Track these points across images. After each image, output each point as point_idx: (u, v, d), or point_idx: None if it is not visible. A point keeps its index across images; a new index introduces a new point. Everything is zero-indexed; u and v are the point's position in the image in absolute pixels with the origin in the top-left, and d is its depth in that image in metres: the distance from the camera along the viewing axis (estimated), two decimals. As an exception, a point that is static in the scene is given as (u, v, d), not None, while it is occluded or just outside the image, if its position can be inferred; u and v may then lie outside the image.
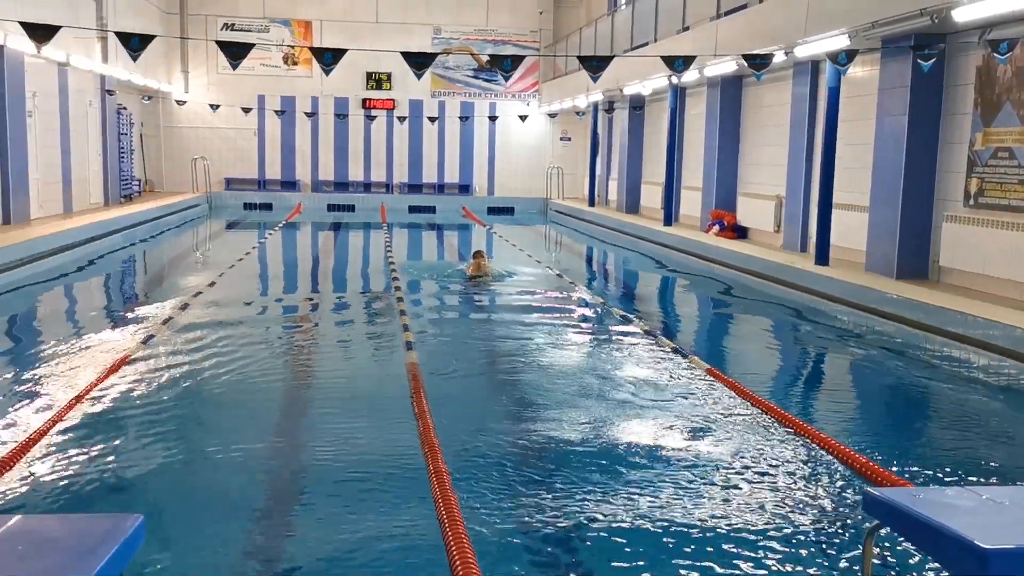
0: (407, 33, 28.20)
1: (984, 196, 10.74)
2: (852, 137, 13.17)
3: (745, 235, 16.97)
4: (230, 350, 8.25)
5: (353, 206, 27.65)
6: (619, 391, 7.17)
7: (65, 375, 7.23)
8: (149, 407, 6.38)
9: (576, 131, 29.90)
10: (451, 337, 9.47)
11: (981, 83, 10.84)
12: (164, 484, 5.06)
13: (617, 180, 24.52)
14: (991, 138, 10.65)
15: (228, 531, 4.47)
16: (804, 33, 12.30)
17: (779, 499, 4.92)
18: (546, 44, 29.21)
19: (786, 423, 6.21)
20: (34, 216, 17.03)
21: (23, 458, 5.20)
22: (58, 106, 18.74)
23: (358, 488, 5.00)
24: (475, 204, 28.27)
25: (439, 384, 7.12)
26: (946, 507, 2.87)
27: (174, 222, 22.12)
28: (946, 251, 11.22)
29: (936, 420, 7.00)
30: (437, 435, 5.57)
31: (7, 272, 12.15)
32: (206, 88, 28.04)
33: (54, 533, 2.65)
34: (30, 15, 15.20)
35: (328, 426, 6.12)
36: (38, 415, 6.08)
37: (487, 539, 4.31)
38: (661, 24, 18.73)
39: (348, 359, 8.39)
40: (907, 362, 8.88)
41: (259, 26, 28.16)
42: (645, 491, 4.99)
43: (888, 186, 11.91)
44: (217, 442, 5.77)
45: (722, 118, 17.66)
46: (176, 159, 28.25)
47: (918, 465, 5.62)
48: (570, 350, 8.72)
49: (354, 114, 28.64)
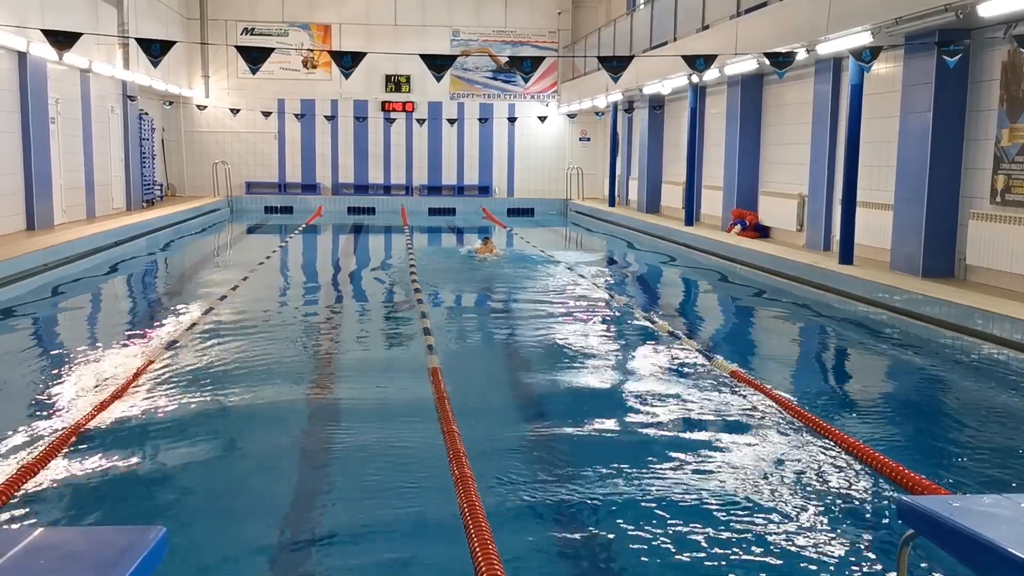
0: (425, 35, 28.24)
1: (1011, 193, 10.59)
2: (875, 135, 13.03)
3: (767, 234, 16.84)
4: (255, 355, 8.25)
5: (373, 208, 27.70)
6: (642, 392, 7.11)
7: (89, 381, 7.24)
8: (173, 415, 6.36)
9: (595, 131, 29.82)
10: (473, 339, 9.46)
11: (1007, 79, 10.68)
12: (188, 494, 5.03)
13: (637, 180, 24.42)
14: (1017, 134, 10.50)
15: (253, 543, 4.42)
16: (826, 30, 12.18)
17: (809, 506, 4.84)
18: (564, 44, 29.15)
19: (813, 426, 6.12)
20: (58, 222, 17.15)
21: (46, 466, 5.19)
22: (80, 112, 18.88)
23: (387, 498, 4.93)
24: (495, 205, 28.24)
25: (461, 388, 7.06)
26: (984, 516, 2.79)
27: (196, 226, 22.22)
28: (973, 249, 11.07)
29: (969, 424, 6.85)
30: (463, 443, 5.51)
31: (32, 278, 12.23)
32: (226, 92, 28.18)
33: (76, 546, 2.62)
34: (52, 22, 15.33)
35: (356, 433, 6.07)
36: (61, 422, 6.08)
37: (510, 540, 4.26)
38: (680, 23, 18.63)
39: (371, 363, 8.34)
40: (935, 363, 8.76)
41: (278, 30, 28.26)
42: (669, 494, 4.93)
43: (913, 184, 11.77)
44: (242, 451, 5.76)
45: (743, 117, 17.54)
46: (197, 163, 28.41)
47: (951, 470, 5.53)
48: (592, 350, 8.65)
49: (373, 117, 28.70)
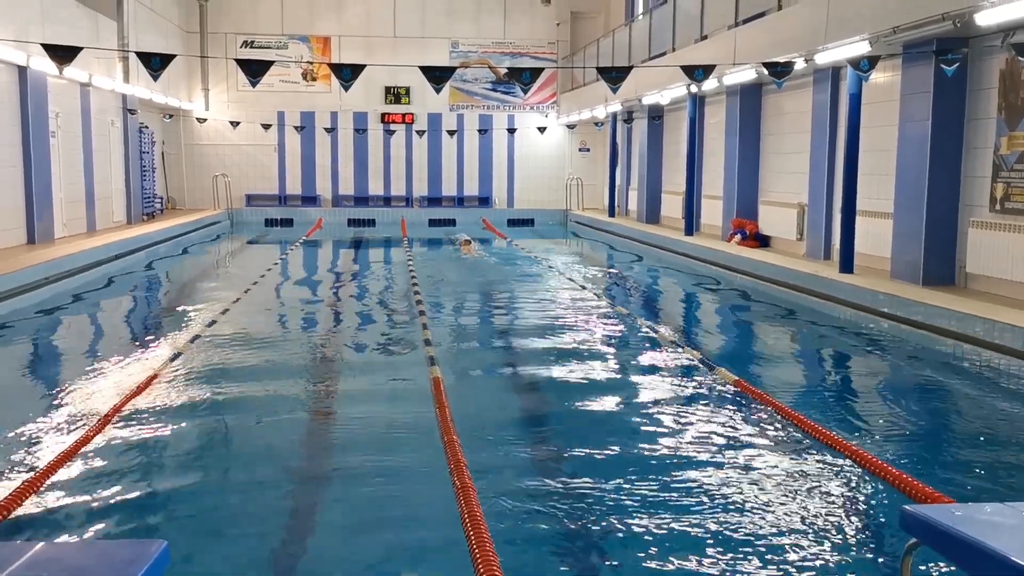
0: (425, 47, 28.32)
1: (1011, 201, 10.60)
2: (874, 143, 13.05)
3: (767, 244, 16.85)
4: (259, 368, 8.28)
5: (374, 220, 27.72)
6: (645, 402, 7.11)
7: (93, 395, 7.25)
8: (177, 429, 6.37)
9: (595, 142, 29.87)
10: (473, 350, 9.45)
11: (1005, 87, 10.71)
12: (190, 508, 5.04)
13: (637, 190, 24.45)
14: (1016, 142, 10.52)
15: (254, 557, 4.43)
16: (824, 40, 12.22)
17: (812, 514, 4.84)
18: (563, 55, 29.23)
19: (816, 435, 6.12)
20: (58, 235, 17.17)
21: (49, 480, 5.19)
22: (81, 126, 18.92)
23: (385, 512, 4.94)
24: (495, 216, 28.26)
25: (462, 400, 7.06)
26: (987, 525, 2.79)
27: (196, 239, 22.23)
28: (972, 257, 11.08)
29: (971, 432, 6.86)
30: (465, 457, 5.49)
31: (33, 291, 12.22)
32: (226, 105, 28.24)
33: (79, 560, 2.63)
34: (52, 36, 15.39)
35: (355, 449, 6.06)
36: (66, 436, 6.08)
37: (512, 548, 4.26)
38: (679, 33, 18.69)
39: (372, 377, 8.31)
40: (937, 371, 8.76)
41: (278, 43, 28.34)
42: (672, 504, 4.92)
43: (912, 192, 11.79)
44: (245, 465, 5.75)
45: (742, 126, 17.57)
46: (197, 176, 28.45)
47: (954, 479, 5.52)
48: (594, 361, 8.65)
49: (373, 129, 28.75)
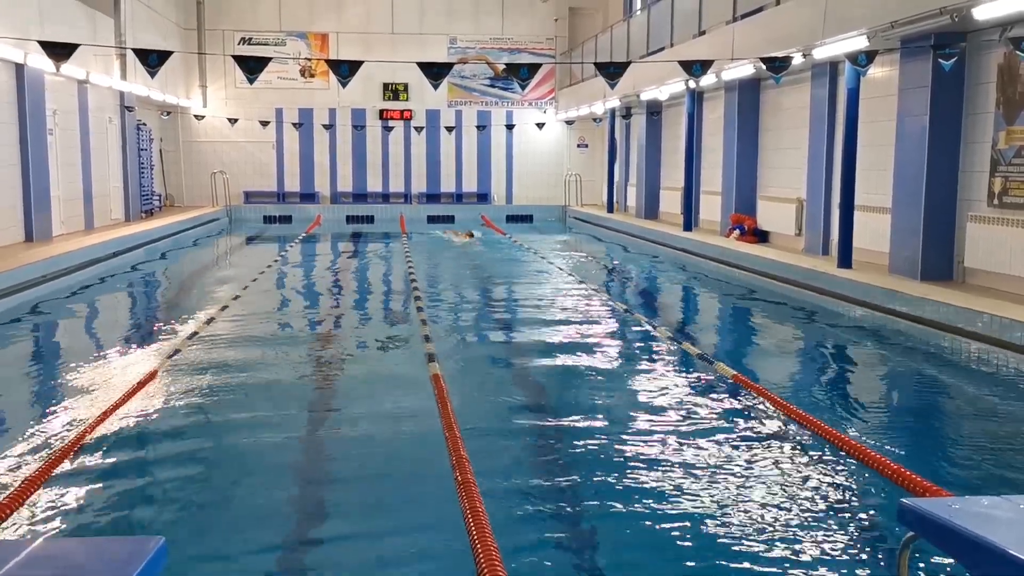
0: (423, 43, 28.29)
1: (1008, 195, 10.60)
2: (873, 138, 13.05)
3: (766, 239, 16.85)
4: (257, 365, 8.27)
5: (372, 217, 27.71)
6: (644, 396, 7.11)
7: (92, 393, 7.25)
8: (176, 425, 6.38)
9: (593, 138, 29.86)
10: (472, 347, 9.45)
11: (1003, 81, 10.71)
12: (188, 505, 5.04)
13: (636, 186, 24.45)
14: (1014, 137, 10.52)
15: (252, 553, 4.43)
16: (822, 35, 12.21)
17: (809, 507, 4.84)
18: (562, 51, 29.20)
19: (814, 428, 6.13)
20: (56, 233, 17.15)
21: (48, 478, 5.19)
22: (78, 123, 18.89)
23: (385, 510, 4.93)
24: (494, 212, 28.24)
25: (463, 396, 7.06)
26: (984, 518, 2.79)
27: (195, 236, 22.23)
28: (971, 252, 11.08)
29: (968, 425, 6.87)
30: (467, 451, 5.49)
31: (31, 289, 12.22)
32: (224, 102, 28.21)
33: (77, 557, 2.62)
34: (49, 34, 15.36)
35: (354, 446, 6.07)
36: (64, 434, 6.09)
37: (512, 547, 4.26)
38: (677, 29, 18.67)
39: (371, 374, 8.32)
40: (936, 365, 8.77)
41: (276, 39, 28.31)
42: (670, 500, 4.93)
43: (910, 187, 11.78)
44: (243, 462, 5.75)
45: (740, 122, 17.56)
46: (196, 173, 28.43)
47: (951, 472, 5.53)
48: (592, 357, 8.66)
49: (371, 125, 28.75)
